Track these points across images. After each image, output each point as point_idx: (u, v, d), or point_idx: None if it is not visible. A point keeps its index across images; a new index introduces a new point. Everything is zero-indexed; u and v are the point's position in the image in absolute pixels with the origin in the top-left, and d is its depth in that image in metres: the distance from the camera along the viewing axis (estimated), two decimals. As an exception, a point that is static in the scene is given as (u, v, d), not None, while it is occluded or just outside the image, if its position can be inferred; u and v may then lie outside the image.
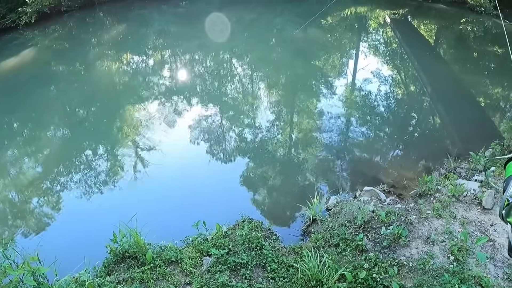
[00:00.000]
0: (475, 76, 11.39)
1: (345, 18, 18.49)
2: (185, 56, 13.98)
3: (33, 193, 6.72)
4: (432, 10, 18.90)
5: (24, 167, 7.56)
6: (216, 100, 10.20)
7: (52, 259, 4.18)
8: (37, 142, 8.53)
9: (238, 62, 13.36)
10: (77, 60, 13.56)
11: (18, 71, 12.89)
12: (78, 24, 18.40)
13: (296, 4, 19.82)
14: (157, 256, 4.34)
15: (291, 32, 14.37)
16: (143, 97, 10.43)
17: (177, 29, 17.16)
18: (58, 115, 9.60)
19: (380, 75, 11.58)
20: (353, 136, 8.23)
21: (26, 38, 16.25)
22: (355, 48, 14.66)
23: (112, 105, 10.08)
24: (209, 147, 7.97)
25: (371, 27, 17.48)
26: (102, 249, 4.48)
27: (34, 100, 10.38)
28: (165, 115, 9.35)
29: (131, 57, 14.02)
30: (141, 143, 8.15)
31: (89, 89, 11.24)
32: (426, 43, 14.66)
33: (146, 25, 17.56)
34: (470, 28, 16.28)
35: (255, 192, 6.48)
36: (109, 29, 17.87)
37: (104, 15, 19.95)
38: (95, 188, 6.73)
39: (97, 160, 7.67)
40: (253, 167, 7.24)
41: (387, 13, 18.68)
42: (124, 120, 9.19)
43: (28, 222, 6.07)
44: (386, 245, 4.39)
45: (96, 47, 15.32)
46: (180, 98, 10.28)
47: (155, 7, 20.35)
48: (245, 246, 4.44)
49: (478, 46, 14.29)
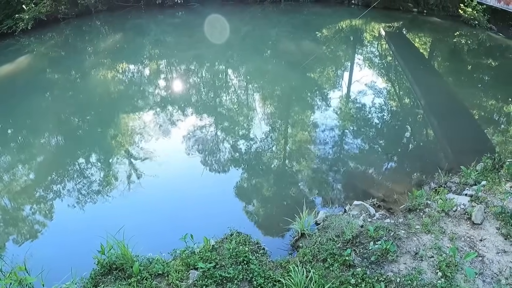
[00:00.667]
0: (469, 89, 11.46)
1: (340, 30, 18.60)
2: (181, 66, 14.00)
3: (23, 201, 6.68)
4: (426, 23, 19.07)
5: (15, 174, 7.53)
6: (210, 110, 10.20)
7: (39, 269, 4.16)
8: (30, 149, 8.50)
9: (233, 73, 13.40)
10: (72, 68, 13.57)
11: (13, 78, 12.89)
12: (74, 32, 18.45)
13: (291, 16, 19.97)
14: (144, 269, 4.31)
15: (287, 45, 14.46)
16: (138, 106, 10.43)
17: (173, 39, 17.24)
18: (52, 122, 9.58)
19: (374, 87, 11.63)
20: (346, 149, 8.25)
21: (22, 44, 16.29)
22: (350, 61, 14.74)
23: (106, 114, 10.07)
24: (202, 159, 7.94)
25: (366, 39, 17.59)
26: (89, 260, 4.46)
27: (29, 107, 10.36)
28: (159, 125, 9.34)
29: (126, 66, 14.03)
30: (134, 153, 8.12)
31: (84, 97, 11.24)
32: (420, 56, 14.76)
33: (142, 34, 17.62)
34: (464, 41, 16.42)
35: (245, 205, 6.46)
36: (106, 37, 17.92)
37: (100, 23, 20.02)
38: (85, 198, 6.69)
39: (88, 170, 7.64)
40: (244, 179, 7.23)
41: (382, 26, 18.82)
42: (117, 130, 9.17)
43: (17, 230, 6.03)
44: (374, 260, 4.37)
45: (92, 56, 15.34)
46: (175, 108, 10.28)
47: (151, 17, 20.45)
48: (232, 260, 4.42)
49: (471, 59, 14.41)
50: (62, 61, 14.67)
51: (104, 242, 4.41)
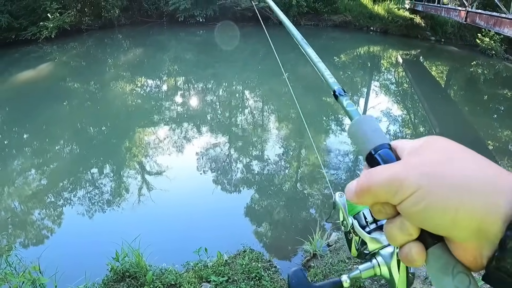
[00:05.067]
0: (484, 118, 11.47)
1: (358, 56, 18.74)
2: (198, 84, 14.17)
3: (40, 204, 6.78)
4: (444, 52, 19.18)
5: (32, 178, 7.66)
6: (225, 129, 10.29)
7: (53, 270, 4.21)
8: (46, 155, 8.64)
9: (250, 94, 13.53)
10: (92, 79, 13.80)
11: (34, 84, 13.16)
12: (96, 44, 18.81)
13: (310, 40, 19.60)
14: (157, 278, 4.35)
15: (305, 69, 14.56)
16: (154, 121, 10.56)
17: (192, 56, 17.48)
18: (68, 130, 9.74)
19: (389, 114, 11.68)
20: (359, 175, 8.24)
21: (45, 52, 16.63)
22: (366, 87, 14.82)
23: (122, 126, 10.21)
24: (215, 176, 8.00)
25: (383, 66, 17.69)
26: (102, 266, 4.51)
27: (46, 113, 10.55)
28: (174, 140, 9.44)
29: (145, 80, 14.24)
30: (149, 166, 8.23)
31: (101, 108, 11.42)
32: (437, 85, 14.81)
33: (162, 50, 17.90)
34: (481, 71, 16.47)
35: (258, 224, 6.49)
36: (126, 51, 18.23)
37: (122, 37, 20.39)
38: (101, 205, 6.78)
39: (104, 178, 7.74)
40: (257, 199, 7.27)
41: (400, 53, 18.94)
42: (133, 142, 9.29)
43: (32, 232, 6.12)
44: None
45: (112, 68, 15.61)
46: (190, 125, 10.38)
47: (173, 34, 20.80)
48: (245, 276, 4.45)
49: (488, 88, 14.44)
50: (82, 71, 14.92)
51: (118, 249, 4.47)
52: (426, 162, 0.49)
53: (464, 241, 0.47)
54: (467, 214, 0.45)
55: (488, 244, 0.45)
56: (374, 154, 0.57)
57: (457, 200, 0.45)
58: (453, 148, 0.51)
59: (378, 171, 0.53)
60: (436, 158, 0.50)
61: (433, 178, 0.47)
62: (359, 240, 0.98)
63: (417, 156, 0.51)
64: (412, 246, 0.51)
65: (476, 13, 13.55)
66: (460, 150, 0.51)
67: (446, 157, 0.49)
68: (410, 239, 0.52)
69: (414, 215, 0.49)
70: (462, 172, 0.47)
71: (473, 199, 0.45)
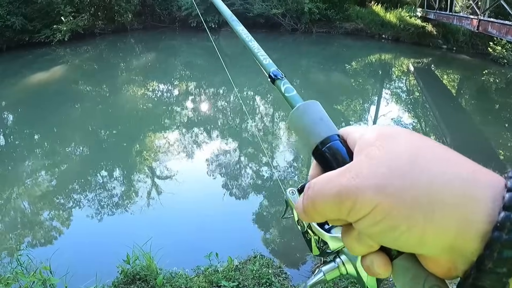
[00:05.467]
0: (495, 127, 11.39)
1: (370, 64, 18.72)
2: (209, 90, 14.22)
3: (51, 206, 6.83)
4: (455, 60, 19.10)
5: (43, 179, 7.71)
6: (236, 135, 10.32)
7: (64, 271, 4.23)
8: (57, 157, 8.71)
9: (261, 100, 13.54)
10: (104, 82, 13.91)
11: (46, 86, 13.28)
12: (109, 48, 18.96)
13: (322, 47, 20.19)
14: (167, 282, 4.35)
15: (317, 75, 14.58)
16: (164, 125, 10.62)
17: (204, 62, 17.54)
18: (80, 133, 9.82)
19: (400, 122, 11.63)
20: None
21: (58, 54, 16.79)
22: (377, 95, 14.78)
23: (133, 130, 10.25)
24: (225, 181, 8.01)
25: (394, 74, 17.64)
26: (113, 268, 4.52)
27: (58, 116, 10.65)
28: (184, 145, 9.48)
29: (156, 85, 14.31)
30: (159, 170, 8.26)
31: (113, 112, 11.49)
32: (448, 93, 14.74)
33: (174, 55, 18.01)
34: (492, 80, 16.38)
35: (267, 230, 6.48)
36: (139, 55, 18.35)
37: (135, 41, 20.54)
38: (111, 208, 6.81)
39: (115, 181, 7.79)
40: (267, 205, 7.27)
41: (411, 61, 18.89)
42: (143, 146, 9.33)
43: (43, 233, 6.15)
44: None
45: (124, 72, 15.71)
46: (201, 130, 10.41)
47: (184, 39, 20.92)
48: (255, 281, 4.44)
49: (499, 97, 14.35)
50: (94, 74, 15.05)
51: (129, 251, 4.48)
52: (383, 168, 0.40)
53: (435, 256, 0.40)
54: (436, 233, 0.38)
55: (463, 259, 0.39)
56: (322, 149, 0.50)
57: (423, 217, 0.38)
58: (417, 144, 0.42)
59: (322, 185, 0.44)
60: (395, 162, 0.41)
61: (393, 191, 0.39)
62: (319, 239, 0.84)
63: (371, 158, 0.42)
64: (374, 258, 0.45)
65: (488, 22, 13.50)
66: (425, 147, 0.42)
67: (409, 160, 0.40)
68: (371, 251, 0.45)
69: (373, 235, 0.42)
70: (430, 179, 0.39)
71: (444, 215, 0.38)
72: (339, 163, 0.47)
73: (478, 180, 0.39)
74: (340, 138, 0.50)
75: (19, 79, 13.80)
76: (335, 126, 0.52)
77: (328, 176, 0.44)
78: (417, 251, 0.41)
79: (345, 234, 0.47)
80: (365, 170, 0.41)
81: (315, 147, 0.50)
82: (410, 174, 0.39)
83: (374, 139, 0.44)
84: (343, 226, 0.47)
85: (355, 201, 0.40)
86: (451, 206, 0.38)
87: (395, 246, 0.41)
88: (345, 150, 0.48)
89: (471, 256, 0.38)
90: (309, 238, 0.89)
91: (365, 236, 0.43)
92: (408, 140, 0.43)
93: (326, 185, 0.44)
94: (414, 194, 0.38)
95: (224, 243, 5.70)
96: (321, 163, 0.50)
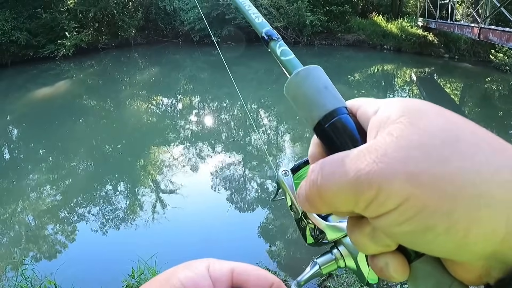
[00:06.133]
0: (500, 134, 11.08)
1: (372, 75, 18.74)
2: (213, 103, 14.25)
3: (55, 219, 6.83)
4: (457, 68, 19.11)
5: (47, 193, 7.72)
6: (240, 148, 10.31)
7: (67, 286, 4.23)
8: (62, 171, 8.72)
9: (265, 113, 13.56)
10: (108, 97, 13.98)
11: (51, 101, 13.36)
12: (113, 62, 19.09)
13: (325, 59, 20.22)
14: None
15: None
16: (168, 139, 10.63)
17: (207, 76, 17.61)
18: (84, 147, 9.84)
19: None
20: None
21: (62, 69, 16.91)
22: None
23: (137, 144, 10.28)
24: (229, 195, 7.96)
25: (397, 84, 17.66)
26: (117, 283, 4.52)
27: (62, 130, 10.71)
28: (188, 158, 9.48)
29: (160, 99, 14.37)
30: (163, 184, 8.26)
31: (117, 126, 11.53)
32: (451, 101, 14.71)
33: (178, 69, 18.08)
34: (495, 87, 16.38)
35: (272, 242, 6.45)
36: (142, 70, 18.45)
37: (138, 56, 20.67)
38: (116, 222, 6.80)
39: (119, 196, 7.79)
40: (272, 218, 7.24)
41: (414, 71, 18.91)
42: (147, 160, 9.34)
43: (47, 247, 6.14)
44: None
45: (128, 86, 15.79)
46: (205, 144, 10.42)
47: (188, 53, 21.02)
48: (259, 293, 4.42)
49: (502, 105, 14.33)
50: (99, 89, 15.13)
51: (133, 266, 4.48)
52: (414, 151, 0.31)
53: (469, 262, 0.32)
54: (483, 236, 0.30)
55: (502, 265, 0.31)
56: (327, 124, 0.40)
57: (468, 215, 0.29)
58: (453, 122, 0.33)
59: (334, 169, 0.34)
60: (430, 144, 0.31)
61: (430, 180, 0.30)
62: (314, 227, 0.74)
63: (398, 137, 0.32)
64: (390, 260, 0.36)
65: (489, 29, 13.53)
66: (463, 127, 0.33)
67: (447, 142, 0.31)
68: (386, 250, 0.36)
69: (397, 235, 0.33)
70: (474, 167, 0.30)
71: (492, 213, 0.29)
72: (348, 143, 0.38)
73: None
74: (349, 111, 0.41)
75: (23, 94, 13.90)
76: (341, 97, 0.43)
77: (340, 157, 0.35)
78: (452, 257, 0.32)
79: (353, 228, 0.37)
80: (391, 153, 0.31)
81: (318, 121, 0.41)
82: (450, 160, 0.30)
83: (398, 115, 0.34)
84: (350, 218, 0.38)
85: (378, 191, 0.31)
86: (500, 202, 0.29)
87: (424, 250, 0.33)
88: (355, 127, 0.39)
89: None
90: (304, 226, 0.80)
91: (383, 234, 0.34)
92: (442, 116, 0.33)
93: (339, 169, 0.34)
94: (456, 185, 0.29)
95: (229, 255, 5.66)
96: (325, 141, 0.41)
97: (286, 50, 0.53)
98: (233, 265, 0.45)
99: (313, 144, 0.45)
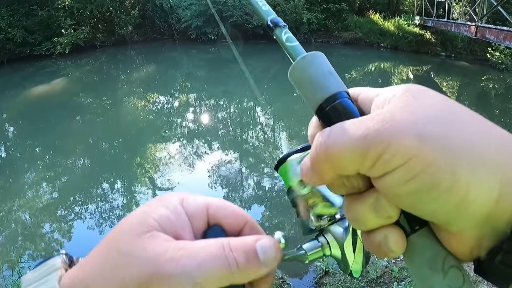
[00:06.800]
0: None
1: (369, 73, 18.75)
2: (210, 101, 14.22)
3: (52, 218, 6.80)
4: (454, 67, 19.15)
5: (44, 191, 7.70)
6: (236, 146, 10.30)
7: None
8: (58, 169, 8.68)
9: (262, 110, 13.55)
10: (105, 94, 13.94)
11: (47, 98, 13.31)
12: (109, 60, 19.03)
13: (322, 57, 20.16)
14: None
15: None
16: (165, 137, 10.62)
17: (204, 73, 17.60)
18: (81, 145, 9.81)
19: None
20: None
21: (58, 67, 16.85)
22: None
23: (134, 141, 10.27)
24: (226, 192, 7.98)
25: (394, 82, 17.61)
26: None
27: (59, 128, 10.69)
28: (185, 156, 9.48)
29: (157, 97, 14.34)
30: (160, 182, 8.25)
31: (113, 124, 11.51)
32: (448, 100, 14.74)
33: (174, 67, 18.04)
34: (492, 85, 16.44)
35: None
36: (139, 67, 18.41)
37: (135, 53, 20.62)
38: (113, 220, 6.79)
39: (116, 194, 7.78)
40: (268, 217, 7.25)
41: (410, 69, 18.93)
42: (144, 158, 9.33)
43: (44, 245, 6.12)
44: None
45: (124, 84, 15.75)
46: (201, 141, 10.41)
47: (184, 51, 20.98)
48: (257, 292, 4.42)
49: (499, 103, 14.38)
50: (95, 86, 15.09)
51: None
52: (420, 114, 0.34)
53: (463, 231, 0.34)
54: (480, 196, 0.32)
55: (493, 233, 0.33)
56: (328, 107, 0.42)
57: (469, 171, 0.31)
58: (452, 102, 0.36)
59: (342, 130, 0.36)
60: (434, 110, 0.34)
61: (436, 138, 0.32)
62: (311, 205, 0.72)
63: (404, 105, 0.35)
64: (389, 233, 0.37)
65: (486, 28, 13.55)
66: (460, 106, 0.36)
67: (448, 111, 0.34)
68: (386, 223, 0.37)
69: (403, 196, 0.34)
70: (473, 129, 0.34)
71: (489, 171, 0.32)
72: None
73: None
74: (350, 96, 0.43)
75: (20, 92, 13.86)
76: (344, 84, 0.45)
77: (348, 122, 0.37)
78: (449, 220, 0.34)
79: (354, 202, 0.38)
80: (400, 116, 0.34)
81: (320, 104, 0.43)
82: (454, 123, 0.33)
83: (402, 92, 0.37)
84: (347, 196, 0.40)
85: (387, 147, 0.32)
86: (496, 162, 0.32)
87: (425, 211, 0.34)
88: (357, 110, 0.41)
89: (504, 228, 0.32)
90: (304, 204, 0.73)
91: (385, 202, 0.35)
92: (440, 95, 0.36)
93: (348, 127, 0.35)
94: (460, 145, 0.32)
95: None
96: (327, 122, 0.42)
97: (291, 37, 0.55)
98: (208, 200, 0.46)
99: (314, 126, 0.47)
